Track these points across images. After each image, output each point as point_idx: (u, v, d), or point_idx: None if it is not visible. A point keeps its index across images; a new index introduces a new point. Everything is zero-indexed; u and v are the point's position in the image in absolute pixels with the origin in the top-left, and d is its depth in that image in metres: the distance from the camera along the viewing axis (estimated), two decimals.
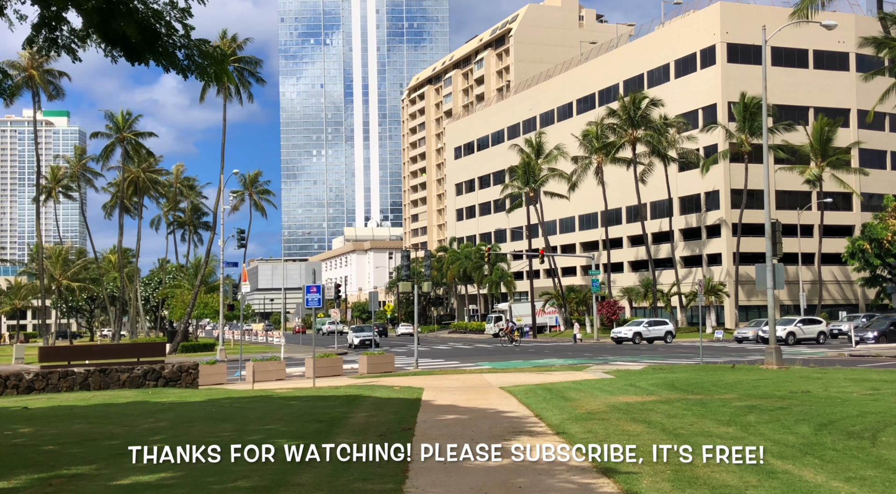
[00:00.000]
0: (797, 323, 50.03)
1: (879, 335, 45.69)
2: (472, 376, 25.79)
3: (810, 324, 50.97)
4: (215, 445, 10.92)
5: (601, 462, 9.05)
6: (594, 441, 10.51)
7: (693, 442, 10.12)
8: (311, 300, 23.53)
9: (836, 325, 59.09)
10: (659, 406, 14.33)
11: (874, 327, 47.27)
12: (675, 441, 10.26)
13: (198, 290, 55.15)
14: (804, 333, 49.55)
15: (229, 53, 50.73)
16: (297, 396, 18.81)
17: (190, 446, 10.68)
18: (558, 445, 10.16)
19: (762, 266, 25.33)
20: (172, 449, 10.13)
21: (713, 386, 18.80)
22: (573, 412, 13.91)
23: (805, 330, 49.81)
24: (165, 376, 23.17)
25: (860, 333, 46.64)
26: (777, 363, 24.65)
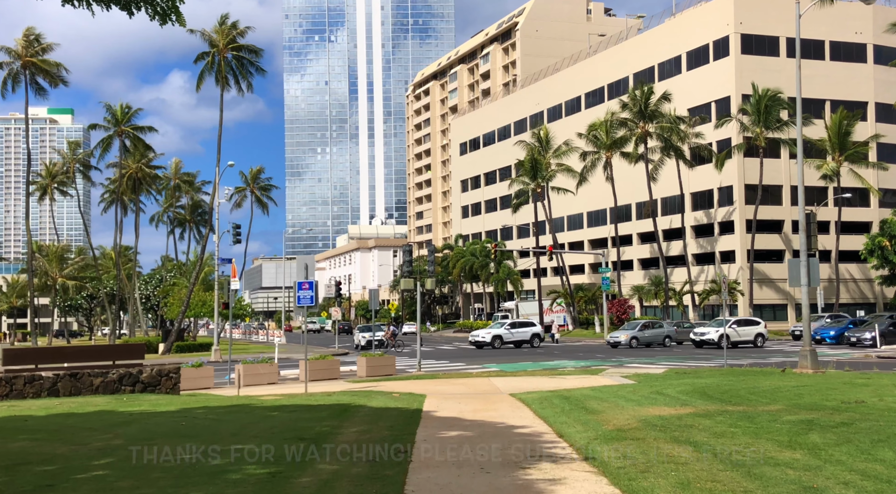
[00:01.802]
0: (732, 325, 45.64)
1: (878, 335, 42.44)
2: (479, 380, 23.77)
3: (746, 325, 47.08)
4: (166, 475, 8.92)
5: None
6: (634, 471, 8.47)
7: (760, 475, 8.08)
8: (303, 298, 21.50)
9: None
10: (699, 421, 12.26)
11: (873, 327, 43.94)
12: (738, 473, 8.21)
13: (193, 288, 53.18)
14: (739, 335, 45.53)
15: (228, 41, 48.80)
16: (284, 405, 16.79)
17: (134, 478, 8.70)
18: (592, 478, 8.13)
19: (795, 261, 23.22)
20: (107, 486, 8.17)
21: (751, 395, 16.72)
22: (599, 428, 11.85)
23: (741, 332, 45.84)
24: (143, 380, 21.16)
25: (857, 333, 43.56)
26: (813, 367, 22.56)
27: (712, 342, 44.06)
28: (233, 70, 49.10)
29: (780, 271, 72.11)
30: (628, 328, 49.90)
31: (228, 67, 48.72)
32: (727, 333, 43.70)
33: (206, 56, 48.71)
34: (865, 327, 44.54)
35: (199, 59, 48.46)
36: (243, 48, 49.09)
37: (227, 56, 48.61)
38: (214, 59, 48.47)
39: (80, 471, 9.29)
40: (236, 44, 48.83)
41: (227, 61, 48.70)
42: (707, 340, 44.58)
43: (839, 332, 47.43)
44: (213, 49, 48.46)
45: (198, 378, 24.60)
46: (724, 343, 42.81)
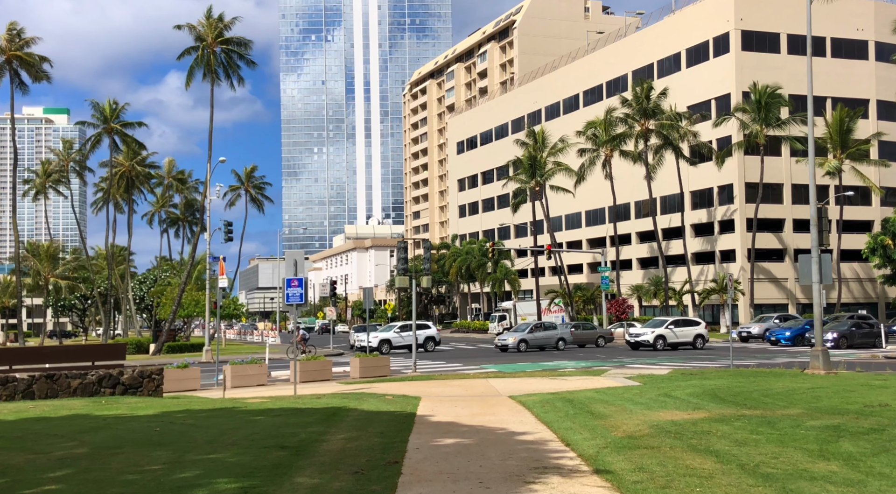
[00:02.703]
0: (669, 325, 43.15)
1: (840, 336, 40.43)
2: (477, 381, 22.78)
3: (685, 326, 44.32)
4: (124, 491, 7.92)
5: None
6: (653, 487, 7.49)
7: (798, 491, 7.10)
8: (292, 295, 20.47)
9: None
10: (716, 427, 11.28)
11: (835, 328, 41.89)
12: (771, 490, 7.24)
13: (184, 287, 52.12)
14: (677, 336, 42.89)
15: (216, 34, 47.73)
16: (269, 408, 15.78)
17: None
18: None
19: (807, 258, 22.26)
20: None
21: (765, 397, 15.76)
22: (608, 435, 10.87)
23: (678, 333, 43.15)
24: (124, 382, 20.13)
25: (813, 335, 41.86)
26: (825, 368, 21.60)
27: (647, 344, 41.87)
28: (223, 64, 47.99)
29: (781, 269, 71.22)
30: (518, 330, 46.00)
31: (218, 61, 47.61)
32: (663, 334, 42.02)
33: (195, 51, 47.59)
34: (827, 328, 41.67)
35: (186, 54, 47.34)
36: (232, 41, 47.96)
37: (215, 50, 47.49)
38: (203, 54, 47.34)
39: (29, 486, 8.30)
40: (224, 37, 47.70)
41: (216, 55, 47.58)
42: (643, 341, 42.28)
43: (795, 333, 44.66)
44: (202, 43, 47.36)
45: (183, 380, 23.60)
46: (659, 345, 41.24)
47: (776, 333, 45.45)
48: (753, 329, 51.47)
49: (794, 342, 44.11)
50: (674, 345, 42.37)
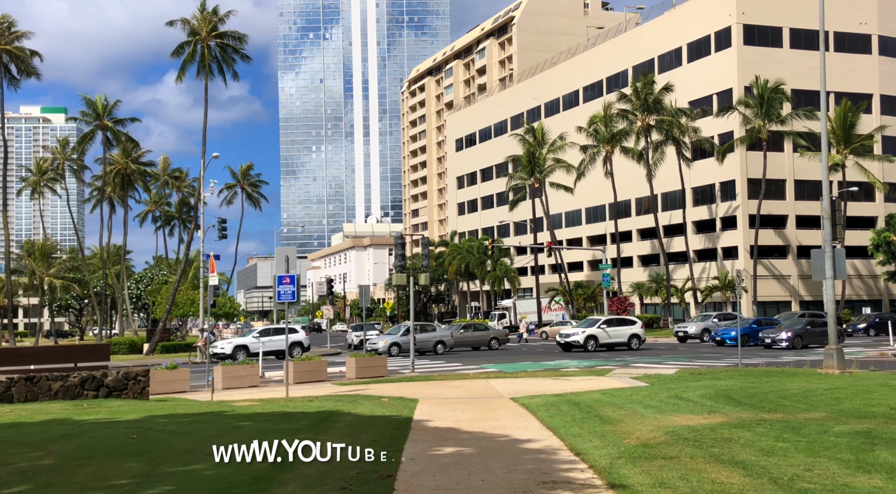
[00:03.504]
0: (601, 325, 40.86)
1: (794, 336, 38.07)
2: (477, 382, 21.90)
3: (620, 325, 41.69)
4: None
5: None
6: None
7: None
8: (283, 293, 19.59)
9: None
10: (737, 433, 10.42)
11: (789, 326, 39.39)
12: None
13: (177, 286, 51.21)
14: (610, 336, 40.47)
15: (210, 28, 46.79)
16: (257, 412, 14.91)
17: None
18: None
19: (819, 252, 21.39)
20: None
21: (782, 399, 14.90)
22: (621, 443, 10.00)
23: (611, 333, 40.65)
24: (108, 384, 19.25)
25: (772, 334, 38.67)
26: (839, 367, 20.75)
27: (578, 345, 39.51)
28: (217, 58, 47.05)
29: (784, 266, 70.41)
30: (389, 334, 41.38)
31: (212, 55, 46.67)
32: (595, 334, 39.70)
33: (189, 46, 46.65)
34: (781, 327, 39.98)
35: (179, 49, 46.38)
36: (226, 35, 46.99)
37: (209, 44, 46.55)
38: (197, 48, 46.40)
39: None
40: (219, 31, 46.75)
41: (211, 49, 46.65)
42: (573, 342, 39.82)
43: (742, 332, 41.84)
44: (195, 38, 46.43)
45: (172, 381, 22.72)
46: (590, 346, 38.88)
47: (722, 332, 42.71)
48: (691, 329, 48.41)
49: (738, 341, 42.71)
50: (608, 345, 40.09)
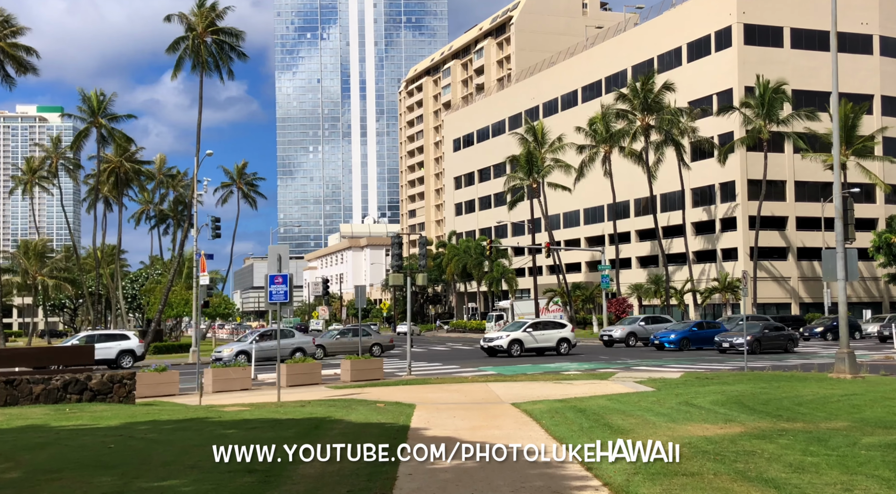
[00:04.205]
0: (527, 328, 38.29)
1: (754, 340, 35.90)
2: (476, 386, 21.15)
3: (548, 328, 39.27)
4: None
5: None
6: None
7: None
8: (275, 293, 18.82)
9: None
10: (760, 446, 9.68)
11: (748, 331, 36.56)
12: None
13: (170, 285, 50.39)
14: (537, 341, 37.91)
15: (207, 24, 46.03)
16: (245, 419, 14.14)
17: None
18: None
19: (831, 252, 20.68)
20: None
21: (797, 406, 14.16)
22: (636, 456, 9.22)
23: (539, 337, 38.09)
24: (92, 388, 18.46)
25: (729, 338, 36.30)
26: (851, 372, 20.04)
27: (502, 349, 37.10)
28: (213, 55, 46.29)
29: (784, 268, 69.79)
30: (239, 341, 38.65)
31: (208, 51, 45.92)
32: (520, 338, 37.33)
33: (184, 41, 45.90)
34: (735, 331, 37.59)
35: (175, 44, 45.65)
36: (223, 31, 46.23)
37: (206, 40, 45.80)
38: (193, 43, 45.64)
39: None
40: (216, 27, 45.99)
41: (207, 45, 45.90)
42: (496, 346, 37.36)
43: (681, 336, 40.48)
44: (191, 33, 45.67)
45: (161, 384, 21.95)
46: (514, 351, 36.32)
47: (661, 336, 40.87)
48: (616, 332, 46.14)
49: (679, 345, 39.88)
50: (536, 350, 37.85)
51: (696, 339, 40.65)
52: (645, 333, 45.61)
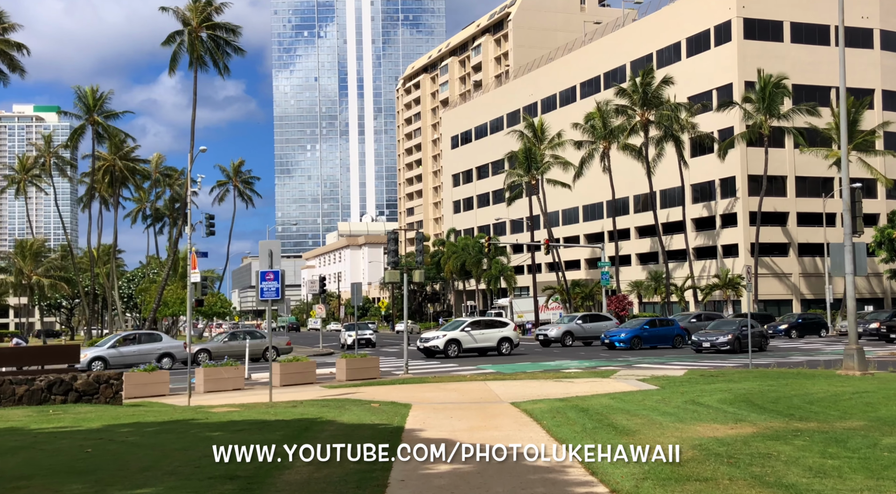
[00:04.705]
0: (465, 328, 36.30)
1: (734, 338, 33.71)
2: (474, 384, 20.57)
3: (488, 328, 37.07)
4: None
5: None
6: None
7: None
8: (266, 290, 18.23)
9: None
10: (775, 447, 9.10)
11: (725, 328, 35.17)
12: None
13: (164, 284, 49.78)
14: (476, 341, 35.93)
15: (202, 18, 45.41)
16: (233, 421, 13.55)
17: None
18: None
19: (839, 246, 20.12)
20: None
21: (808, 404, 13.59)
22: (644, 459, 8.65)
23: (478, 337, 36.11)
24: (78, 388, 17.89)
25: (710, 337, 34.31)
26: (860, 369, 19.48)
27: (438, 350, 35.29)
28: (209, 50, 45.66)
29: (785, 264, 69.26)
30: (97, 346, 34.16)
31: (204, 46, 45.29)
32: (458, 338, 35.54)
33: (180, 35, 45.29)
34: (717, 330, 35.14)
35: (171, 38, 45.06)
36: (219, 26, 45.61)
37: (201, 35, 45.18)
38: (189, 38, 45.01)
39: None
40: (212, 21, 45.38)
41: (202, 40, 45.28)
42: (432, 347, 35.50)
43: (631, 335, 38.78)
44: (187, 27, 45.05)
45: (150, 384, 21.34)
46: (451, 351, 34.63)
47: (611, 334, 39.29)
48: (552, 332, 43.89)
49: (630, 344, 38.22)
50: (476, 350, 36.10)
51: (649, 337, 38.99)
52: (583, 332, 43.58)
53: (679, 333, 39.96)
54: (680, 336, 39.83)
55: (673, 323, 41.22)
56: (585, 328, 43.49)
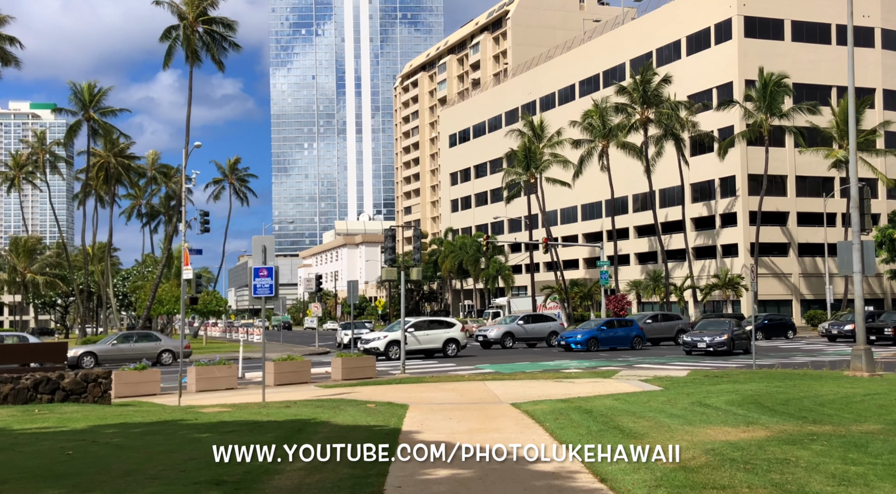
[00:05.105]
0: (408, 328, 34.38)
1: (729, 339, 32.42)
2: (472, 384, 20.09)
3: (432, 328, 35.58)
4: None
5: None
6: None
7: None
8: (260, 287, 17.73)
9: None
10: (792, 452, 8.63)
11: (712, 329, 33.70)
12: None
13: (158, 281, 49.25)
14: (419, 342, 34.48)
15: (198, 13, 44.88)
16: (223, 421, 13.06)
17: None
18: None
19: (847, 244, 19.66)
20: None
21: (820, 407, 13.12)
22: (654, 464, 8.19)
23: (422, 338, 34.66)
24: (65, 387, 17.38)
25: (705, 338, 32.60)
26: (868, 369, 19.02)
27: (378, 352, 33.08)
28: (205, 45, 45.11)
29: (785, 264, 68.85)
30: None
31: (200, 41, 44.75)
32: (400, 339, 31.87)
33: (175, 30, 44.75)
34: (708, 330, 33.81)
35: (167, 33, 44.50)
36: (215, 21, 45.06)
37: (197, 29, 44.64)
38: (184, 33, 44.48)
39: None
40: (207, 16, 44.82)
41: (199, 35, 44.74)
42: (372, 349, 33.14)
43: (588, 336, 37.44)
44: (182, 22, 44.52)
45: (140, 383, 20.83)
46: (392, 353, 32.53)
47: (567, 336, 38.08)
48: (491, 333, 41.77)
49: (586, 346, 36.78)
50: (421, 352, 34.42)
51: (607, 339, 37.70)
52: (525, 333, 41.85)
53: (638, 334, 38.53)
54: (639, 338, 38.40)
55: (632, 324, 39.67)
56: (527, 329, 41.47)
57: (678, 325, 43.17)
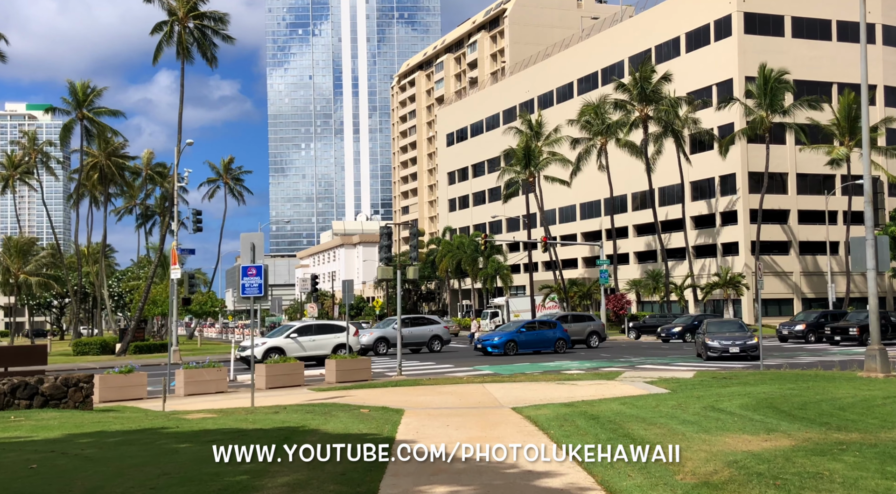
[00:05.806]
0: (291, 334, 32.66)
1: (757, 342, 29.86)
2: (471, 387, 19.30)
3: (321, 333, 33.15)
4: None
5: None
6: None
7: None
8: (248, 287, 16.93)
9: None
10: (823, 464, 7.86)
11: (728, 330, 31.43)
12: None
13: (150, 282, 48.44)
14: (305, 349, 32.05)
15: (188, 8, 44.04)
16: (207, 429, 12.26)
17: None
18: None
19: (859, 240, 18.91)
20: None
21: (841, 411, 12.36)
22: (671, 478, 7.43)
23: (307, 344, 32.37)
24: (44, 392, 16.58)
25: (718, 339, 30.12)
26: (883, 371, 18.28)
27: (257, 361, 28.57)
28: (196, 40, 44.28)
29: (786, 263, 68.13)
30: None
31: (191, 36, 43.93)
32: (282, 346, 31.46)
33: (166, 25, 43.92)
34: (731, 333, 31.11)
35: (157, 28, 43.68)
36: (206, 16, 44.24)
37: (188, 24, 43.81)
38: (174, 30, 43.66)
39: None
40: (198, 10, 43.99)
41: (190, 31, 43.92)
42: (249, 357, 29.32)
43: (505, 339, 35.55)
44: (172, 17, 43.69)
45: (126, 387, 20.02)
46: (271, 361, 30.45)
47: (484, 339, 36.26)
48: (363, 338, 38.42)
49: (504, 349, 35.02)
50: (311, 359, 31.36)
51: (527, 342, 35.82)
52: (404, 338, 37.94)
53: (562, 336, 36.64)
54: (563, 340, 36.42)
55: (555, 326, 37.51)
56: (405, 334, 37.40)
57: (590, 326, 41.26)
